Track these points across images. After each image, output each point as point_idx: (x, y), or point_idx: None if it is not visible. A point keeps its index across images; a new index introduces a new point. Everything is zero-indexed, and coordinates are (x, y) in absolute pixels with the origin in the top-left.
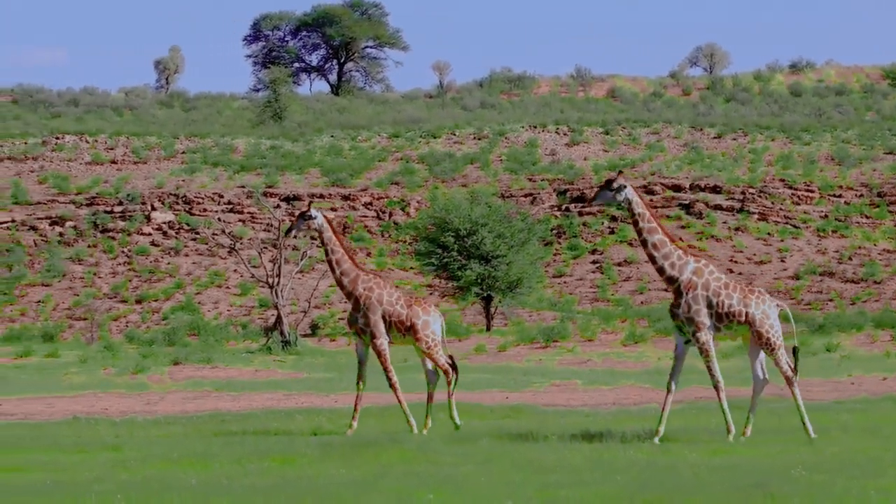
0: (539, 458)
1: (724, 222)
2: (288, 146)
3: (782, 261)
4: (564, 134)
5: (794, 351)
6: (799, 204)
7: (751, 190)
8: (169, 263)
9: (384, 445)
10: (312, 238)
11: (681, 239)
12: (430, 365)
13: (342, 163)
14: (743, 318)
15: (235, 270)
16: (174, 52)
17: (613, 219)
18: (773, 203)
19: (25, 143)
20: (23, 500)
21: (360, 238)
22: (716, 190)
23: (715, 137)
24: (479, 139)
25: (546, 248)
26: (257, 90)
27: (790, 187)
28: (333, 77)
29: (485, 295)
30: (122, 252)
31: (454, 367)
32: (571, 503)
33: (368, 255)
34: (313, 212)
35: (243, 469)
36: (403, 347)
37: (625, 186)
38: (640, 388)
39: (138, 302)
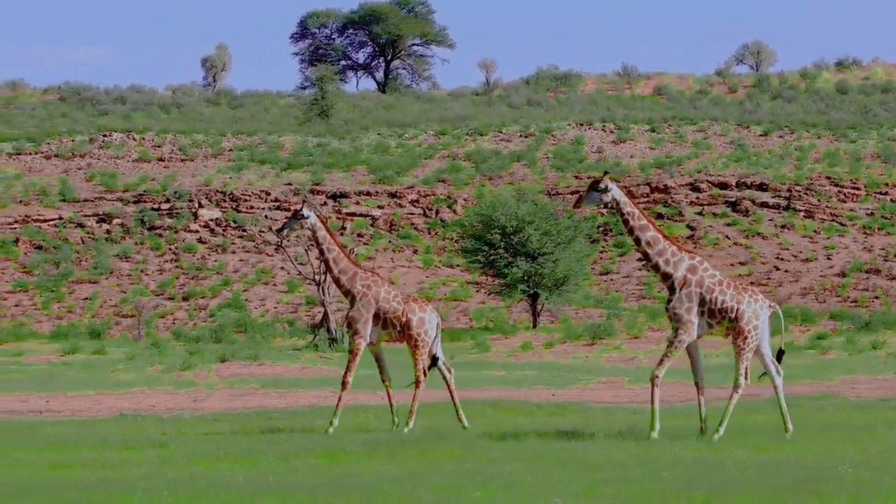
0: (585, 455)
1: (771, 220)
2: (335, 144)
3: (828, 258)
4: (611, 131)
5: (780, 353)
6: (845, 201)
7: (797, 187)
8: (216, 261)
9: (431, 442)
10: (319, 239)
11: (677, 239)
12: (440, 363)
13: (389, 160)
14: (734, 315)
15: (282, 268)
16: (221, 49)
17: (660, 216)
18: (819, 200)
19: (73, 141)
20: (70, 496)
21: (406, 235)
22: (762, 187)
23: (761, 135)
24: (526, 137)
25: (592, 245)
26: (304, 88)
27: (836, 185)
28: (380, 75)
29: (531, 292)
30: (170, 249)
31: (425, 372)
32: (618, 500)
33: (415, 252)
34: (306, 211)
35: (290, 466)
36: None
37: (611, 188)
38: (687, 386)
39: (185, 299)
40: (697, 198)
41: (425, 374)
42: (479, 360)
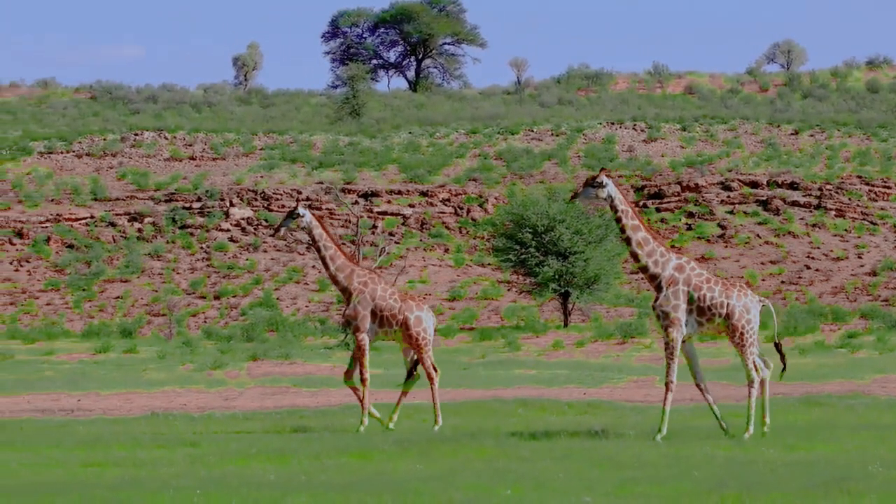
0: (616, 453)
1: (802, 219)
2: (366, 143)
3: (859, 257)
4: (642, 130)
5: (778, 346)
6: (876, 200)
7: (828, 186)
8: (247, 259)
9: (462, 441)
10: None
11: (665, 237)
12: (411, 358)
13: (420, 159)
14: (724, 311)
15: (314, 266)
16: (252, 48)
17: (691, 215)
18: (850, 199)
19: (104, 140)
20: (102, 495)
21: (437, 234)
22: (793, 186)
23: (792, 134)
24: (557, 136)
25: (624, 244)
26: (335, 87)
27: (867, 184)
28: (411, 74)
29: (562, 291)
30: (201, 248)
31: (435, 367)
32: (648, 499)
33: (446, 251)
34: (301, 210)
35: (321, 465)
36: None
37: (606, 184)
38: (718, 385)
39: (216, 298)
40: (728, 197)
41: (436, 370)
42: (511, 359)
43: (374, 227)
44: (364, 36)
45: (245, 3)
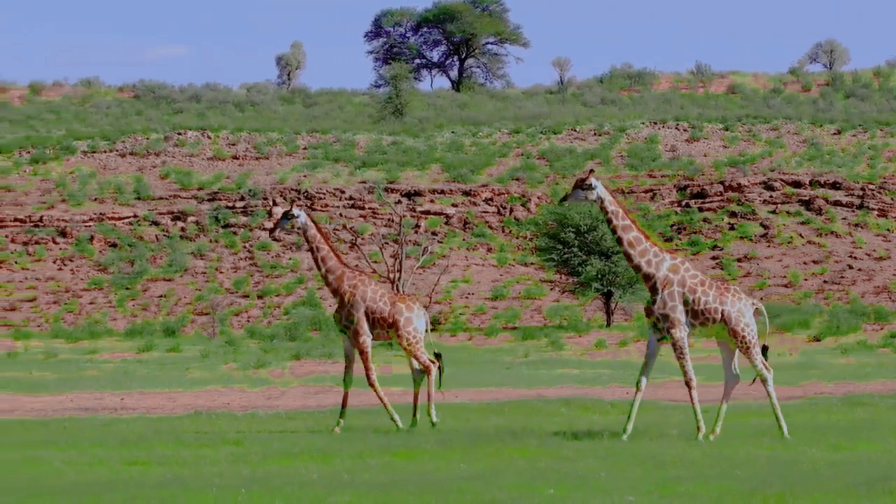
0: (659, 453)
1: (844, 218)
2: (409, 142)
3: None
4: (684, 130)
5: (764, 349)
6: None
7: (870, 186)
8: (290, 258)
9: (505, 440)
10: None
11: (670, 241)
12: (416, 364)
13: (463, 158)
14: (718, 316)
15: (356, 265)
16: (296, 48)
17: (733, 214)
18: (892, 199)
19: (147, 139)
20: (145, 493)
21: (480, 234)
22: (835, 186)
23: (835, 134)
24: (600, 135)
25: (666, 243)
26: (378, 86)
27: None
28: (454, 73)
29: (605, 290)
30: (244, 247)
31: (440, 364)
32: (692, 499)
33: (489, 250)
34: (295, 210)
35: (364, 464)
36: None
37: (595, 185)
38: (761, 384)
39: (260, 297)
40: (771, 196)
41: (432, 361)
42: (553, 359)
43: (417, 226)
44: (407, 35)
45: (288, 2)
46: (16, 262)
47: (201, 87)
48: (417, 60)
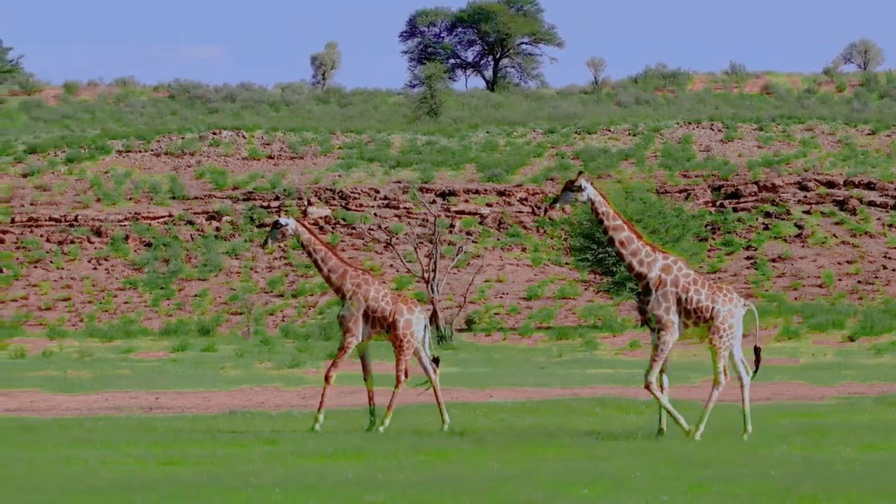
0: (693, 452)
1: (878, 218)
2: (443, 142)
3: None
4: (719, 130)
5: (757, 351)
6: None
7: None
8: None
9: (539, 440)
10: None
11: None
12: (426, 361)
13: (497, 158)
14: (709, 314)
15: (391, 265)
16: (330, 47)
17: (768, 215)
18: None
19: (182, 139)
20: (180, 492)
21: (514, 233)
22: (870, 186)
23: (869, 134)
24: (634, 135)
25: (700, 244)
26: (413, 86)
27: None
28: (489, 73)
29: (639, 290)
30: (279, 247)
31: (436, 365)
32: (726, 499)
33: (523, 250)
34: (283, 219)
35: (399, 463)
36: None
37: (585, 187)
38: (794, 384)
39: (294, 296)
40: (805, 196)
41: (406, 375)
42: (588, 358)
43: (452, 226)
44: (442, 35)
45: (323, 2)
46: (51, 262)
47: (236, 87)
48: (452, 60)
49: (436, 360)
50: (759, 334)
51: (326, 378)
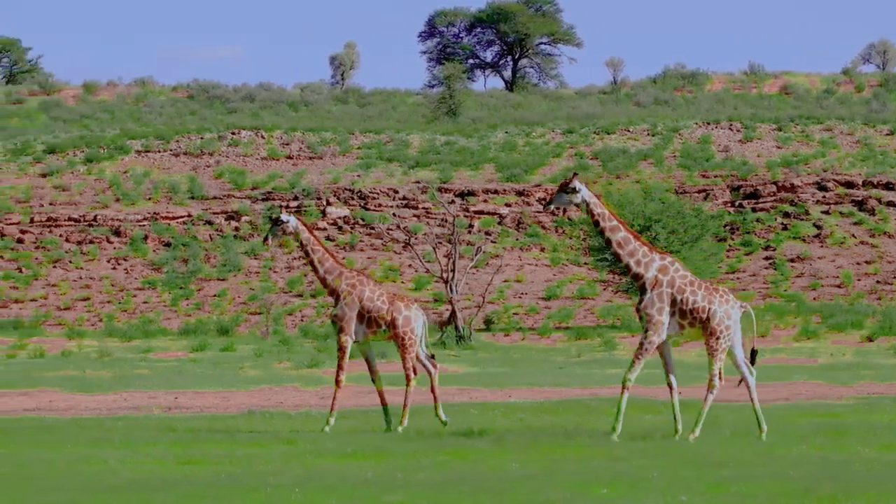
0: (711, 453)
1: None
2: (462, 142)
3: None
4: (738, 130)
5: (753, 353)
6: None
7: None
8: (344, 258)
9: (558, 440)
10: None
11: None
12: (424, 358)
13: (516, 158)
14: (705, 315)
15: (410, 265)
16: (349, 48)
17: (786, 215)
18: None
19: (201, 139)
20: (199, 492)
21: (533, 234)
22: (888, 187)
23: (887, 134)
24: (653, 135)
25: (719, 244)
26: (432, 86)
27: None
28: (508, 73)
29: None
30: (298, 246)
31: (434, 361)
32: (744, 499)
33: (542, 250)
34: (284, 216)
35: (418, 463)
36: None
37: (580, 188)
38: (813, 384)
39: (313, 296)
40: (824, 197)
41: (415, 373)
42: (606, 358)
43: (471, 226)
44: (460, 35)
45: (342, 2)
46: (70, 262)
47: (255, 87)
48: (471, 60)
49: (432, 357)
50: (755, 336)
51: (336, 382)
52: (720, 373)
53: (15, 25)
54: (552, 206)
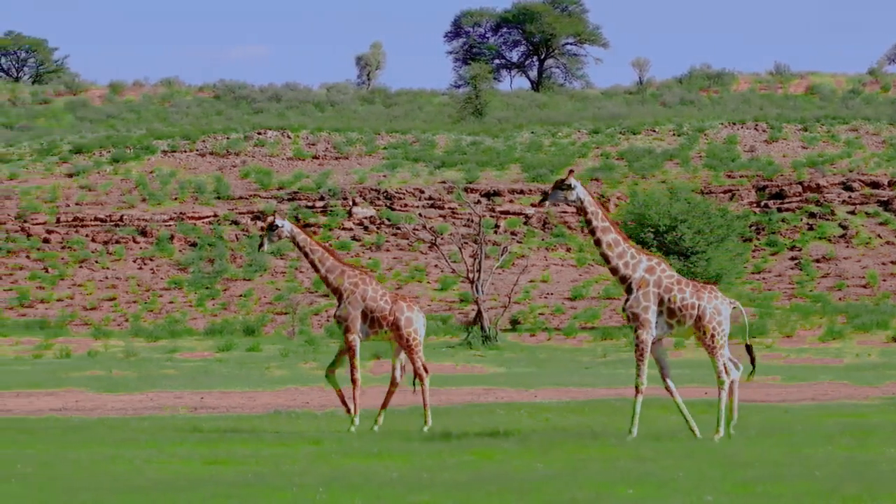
0: (737, 453)
1: None
2: (488, 142)
3: None
4: (763, 130)
5: (749, 348)
6: None
7: None
8: (370, 258)
9: (583, 440)
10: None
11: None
12: (402, 361)
13: (542, 158)
14: (694, 312)
15: (436, 265)
16: (375, 48)
17: (812, 215)
18: None
19: (227, 139)
20: (225, 491)
21: (559, 234)
22: None
23: None
24: (679, 135)
25: (745, 244)
26: (458, 86)
27: None
28: (534, 73)
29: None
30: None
31: (426, 367)
32: (770, 499)
33: (568, 250)
34: (278, 221)
35: (444, 463)
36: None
37: (575, 186)
38: (839, 385)
39: None
40: (850, 197)
41: (427, 370)
42: (632, 359)
43: (497, 226)
44: (486, 36)
45: (368, 2)
46: (96, 262)
47: (281, 87)
48: (497, 61)
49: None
50: (748, 332)
51: (353, 381)
52: (725, 368)
53: (41, 26)
54: (548, 203)
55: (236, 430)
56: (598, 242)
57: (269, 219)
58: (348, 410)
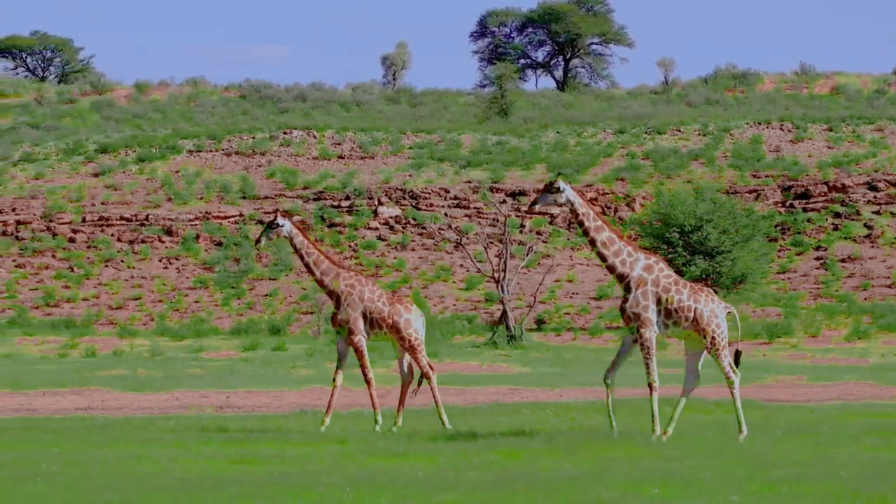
0: (763, 452)
1: None
2: (514, 142)
3: None
4: (789, 130)
5: (737, 354)
6: None
7: None
8: (395, 258)
9: (610, 439)
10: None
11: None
12: (408, 360)
13: (567, 158)
14: (691, 315)
15: (461, 265)
16: (401, 47)
17: (837, 215)
18: None
19: (253, 139)
20: (251, 491)
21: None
22: None
23: None
24: (704, 135)
25: (770, 244)
26: (483, 86)
27: None
28: (559, 73)
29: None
30: (349, 246)
31: (431, 365)
32: (795, 498)
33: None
34: (280, 220)
35: (469, 462)
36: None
37: (564, 188)
38: (864, 385)
39: None
40: (875, 197)
41: (432, 368)
42: (657, 358)
43: (522, 226)
44: (512, 35)
45: (394, 2)
46: (122, 261)
47: (307, 87)
48: (522, 60)
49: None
50: (739, 337)
51: (367, 381)
52: (731, 366)
53: (67, 25)
54: (537, 207)
55: (262, 430)
56: (592, 242)
57: (272, 216)
58: (328, 411)
